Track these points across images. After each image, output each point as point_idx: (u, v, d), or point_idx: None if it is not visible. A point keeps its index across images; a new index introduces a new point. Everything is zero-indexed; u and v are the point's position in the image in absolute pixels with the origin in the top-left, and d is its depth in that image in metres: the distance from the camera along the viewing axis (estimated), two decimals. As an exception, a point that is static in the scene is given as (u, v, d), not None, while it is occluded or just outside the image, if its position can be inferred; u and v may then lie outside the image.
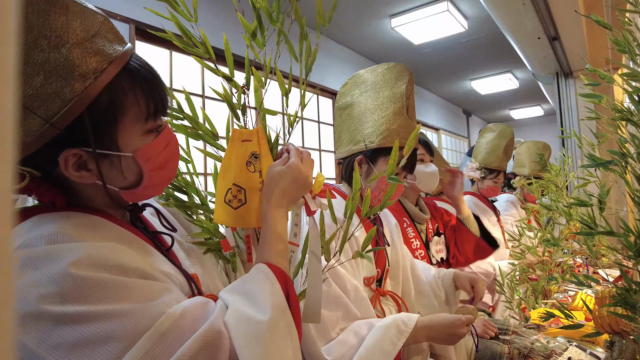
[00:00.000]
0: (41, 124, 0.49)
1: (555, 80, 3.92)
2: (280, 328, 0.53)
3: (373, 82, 1.17)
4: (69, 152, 0.52)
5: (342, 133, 1.20)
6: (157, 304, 0.49)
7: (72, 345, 0.42)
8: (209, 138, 0.80)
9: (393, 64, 1.18)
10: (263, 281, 0.57)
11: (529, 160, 2.60)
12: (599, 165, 0.73)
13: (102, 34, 0.54)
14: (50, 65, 0.48)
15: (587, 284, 0.90)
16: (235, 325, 0.50)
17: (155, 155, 0.58)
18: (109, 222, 0.57)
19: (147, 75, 0.57)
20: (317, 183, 0.76)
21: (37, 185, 0.53)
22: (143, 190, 0.60)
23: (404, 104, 1.13)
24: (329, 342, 0.91)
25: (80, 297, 0.44)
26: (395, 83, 1.15)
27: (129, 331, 0.45)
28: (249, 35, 0.74)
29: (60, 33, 0.49)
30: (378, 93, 1.15)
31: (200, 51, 0.75)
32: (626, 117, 0.73)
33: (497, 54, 5.27)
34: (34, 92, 0.48)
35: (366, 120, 1.14)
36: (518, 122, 9.41)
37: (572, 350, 1.18)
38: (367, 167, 1.15)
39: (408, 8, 3.99)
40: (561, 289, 1.88)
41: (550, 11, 2.71)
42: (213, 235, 0.77)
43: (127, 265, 0.50)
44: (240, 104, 0.77)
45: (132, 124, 0.55)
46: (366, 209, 0.78)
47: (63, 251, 0.46)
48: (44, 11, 0.48)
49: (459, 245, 1.70)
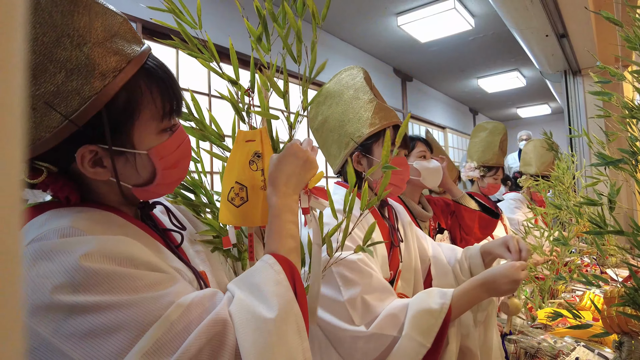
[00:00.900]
0: (61, 120, 0.50)
1: (564, 78, 3.88)
2: (288, 325, 0.53)
3: (333, 91, 1.21)
4: (86, 148, 0.53)
5: (329, 147, 1.21)
6: (166, 294, 0.50)
7: (84, 335, 0.44)
8: (215, 139, 0.81)
9: (343, 69, 1.24)
10: (268, 272, 0.57)
11: (536, 158, 2.58)
12: (608, 163, 0.72)
13: (121, 34, 0.55)
14: (72, 63, 0.50)
15: (595, 284, 0.89)
16: (240, 321, 0.51)
17: (168, 153, 0.60)
18: (121, 219, 0.58)
19: (163, 76, 0.59)
20: (316, 178, 0.75)
21: (54, 180, 0.55)
22: (155, 188, 0.61)
23: (370, 92, 1.16)
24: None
25: (92, 287, 0.45)
26: (353, 81, 1.19)
27: (139, 321, 0.46)
28: (255, 39, 0.76)
29: (83, 32, 0.51)
30: (342, 97, 1.18)
31: (206, 56, 0.76)
32: (637, 115, 0.72)
33: (504, 52, 5.23)
34: (56, 89, 0.50)
35: (346, 123, 1.15)
36: (525, 121, 9.34)
37: (579, 351, 1.17)
38: (366, 161, 1.16)
39: (414, 6, 3.97)
40: (568, 288, 1.86)
41: (558, 8, 2.68)
42: (219, 234, 0.78)
43: (137, 258, 0.51)
44: (245, 105, 0.79)
45: (147, 122, 0.57)
46: (365, 200, 0.78)
47: (75, 244, 0.47)
48: (68, 11, 0.50)
49: (463, 226, 1.73)
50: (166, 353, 0.45)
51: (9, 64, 0.14)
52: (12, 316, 0.14)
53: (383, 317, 0.92)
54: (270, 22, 0.76)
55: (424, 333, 0.89)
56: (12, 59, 0.14)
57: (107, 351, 0.44)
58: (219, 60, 0.77)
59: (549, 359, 1.17)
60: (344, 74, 1.23)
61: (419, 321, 0.90)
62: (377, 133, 1.13)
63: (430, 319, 0.90)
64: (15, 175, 0.14)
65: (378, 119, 1.13)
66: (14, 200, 0.14)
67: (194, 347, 0.46)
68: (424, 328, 0.89)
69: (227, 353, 0.49)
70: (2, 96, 0.14)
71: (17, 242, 0.14)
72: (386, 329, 0.91)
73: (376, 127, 1.13)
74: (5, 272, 0.14)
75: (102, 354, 0.44)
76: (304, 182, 0.71)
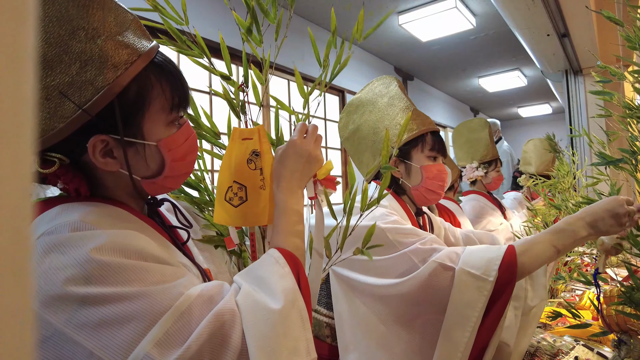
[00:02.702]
0: (74, 110, 0.52)
1: (565, 78, 3.87)
2: (293, 317, 0.54)
3: (366, 100, 1.22)
4: (97, 138, 0.55)
5: (362, 156, 1.21)
6: (176, 285, 0.51)
7: (96, 325, 0.45)
8: (210, 137, 0.80)
9: (376, 79, 1.25)
10: (273, 265, 0.59)
11: (536, 158, 2.58)
12: (609, 163, 0.72)
13: (132, 29, 0.58)
14: (86, 55, 0.52)
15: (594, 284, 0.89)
16: (246, 312, 0.52)
17: (177, 146, 0.61)
18: (129, 214, 0.60)
19: (171, 70, 0.61)
20: (324, 169, 0.74)
21: (65, 171, 0.56)
22: (163, 181, 0.62)
23: (406, 99, 1.17)
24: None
25: (103, 279, 0.47)
26: (387, 89, 1.19)
27: (150, 311, 0.47)
28: (244, 31, 0.74)
29: (97, 26, 0.53)
30: (376, 105, 1.19)
31: (196, 52, 0.76)
32: (637, 114, 0.72)
33: (506, 51, 5.22)
34: (70, 80, 0.51)
35: (381, 130, 1.15)
36: (526, 120, 9.33)
37: (579, 350, 1.17)
38: (403, 166, 1.16)
39: (415, 5, 3.97)
40: (568, 288, 1.87)
41: (559, 7, 2.67)
42: (222, 233, 0.78)
43: (146, 252, 0.52)
44: (239, 101, 0.77)
45: (157, 114, 0.59)
46: (365, 202, 0.78)
47: (86, 238, 0.49)
48: (84, 5, 0.52)
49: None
50: (177, 342, 0.47)
51: (21, 55, 0.14)
52: (23, 307, 0.14)
53: (444, 251, 0.88)
54: (260, 14, 0.74)
55: (480, 267, 0.81)
56: (24, 50, 0.15)
57: (119, 340, 0.45)
58: (209, 56, 0.76)
59: (548, 357, 1.18)
60: (376, 83, 1.24)
61: (474, 254, 0.84)
62: (414, 139, 1.14)
63: (487, 252, 0.84)
64: (26, 166, 0.14)
65: (416, 124, 1.14)
66: (25, 191, 0.14)
67: (203, 336, 0.47)
68: (482, 261, 0.82)
69: (234, 342, 0.50)
70: (14, 88, 0.14)
71: (28, 233, 0.15)
72: (446, 260, 0.86)
73: (414, 132, 1.13)
74: (16, 265, 0.14)
75: (115, 343, 0.45)
76: (309, 176, 0.71)
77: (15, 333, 0.14)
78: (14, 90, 0.14)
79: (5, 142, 0.14)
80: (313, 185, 0.74)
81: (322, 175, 0.74)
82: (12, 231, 0.14)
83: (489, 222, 2.16)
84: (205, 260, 0.71)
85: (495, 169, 2.24)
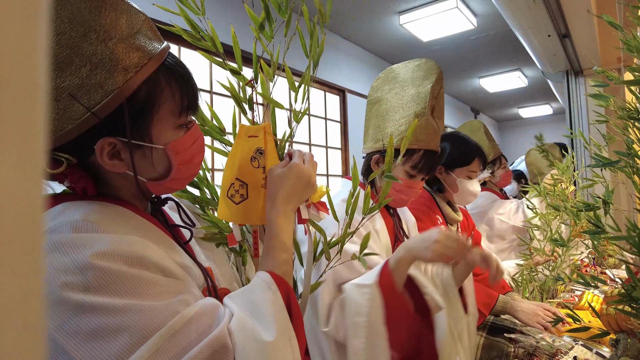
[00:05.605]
0: (83, 112, 0.52)
1: (565, 79, 3.87)
2: (284, 348, 0.54)
3: (402, 78, 1.19)
4: (105, 140, 0.54)
5: (369, 128, 1.22)
6: (173, 302, 0.50)
7: (87, 334, 0.44)
8: (216, 134, 0.81)
9: (424, 60, 1.18)
10: (265, 292, 0.58)
11: (544, 166, 2.55)
12: (605, 165, 0.73)
13: (144, 31, 0.57)
14: (97, 57, 0.51)
15: (593, 285, 0.90)
16: (239, 342, 0.51)
17: (184, 149, 0.61)
18: (133, 213, 0.59)
19: (182, 72, 0.60)
20: (318, 193, 0.75)
21: (72, 171, 0.56)
22: (169, 183, 0.62)
23: (427, 105, 1.12)
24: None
25: (101, 288, 0.46)
26: (422, 82, 1.15)
27: (143, 327, 0.46)
28: (257, 27, 0.75)
29: (108, 28, 0.53)
30: (404, 91, 1.16)
31: (208, 44, 0.76)
32: (633, 116, 0.73)
33: (507, 52, 5.22)
34: (80, 82, 0.51)
35: (389, 119, 1.15)
36: (527, 121, 9.32)
37: (577, 349, 1.18)
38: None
39: (416, 5, 3.97)
40: (567, 288, 1.87)
41: (561, 8, 2.67)
42: (222, 230, 0.78)
43: (148, 260, 0.51)
44: (247, 98, 0.78)
45: (166, 117, 0.59)
46: (367, 207, 0.79)
47: (88, 241, 0.48)
48: (96, 7, 0.52)
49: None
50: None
51: (33, 55, 0.15)
52: (35, 309, 0.15)
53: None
54: (274, 11, 0.75)
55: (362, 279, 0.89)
56: (36, 50, 0.15)
57: (108, 353, 0.44)
58: (221, 49, 0.76)
59: (547, 357, 1.18)
60: (422, 67, 1.17)
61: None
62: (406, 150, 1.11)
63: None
64: (38, 165, 0.15)
65: (415, 138, 1.10)
66: (37, 190, 0.15)
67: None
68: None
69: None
70: (27, 88, 0.14)
71: (39, 233, 0.15)
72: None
73: (411, 145, 1.10)
74: (28, 264, 0.14)
75: (103, 356, 0.44)
76: (302, 201, 0.72)
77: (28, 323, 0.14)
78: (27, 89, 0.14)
79: (18, 137, 0.14)
80: (306, 209, 0.74)
81: (316, 199, 0.76)
82: (25, 224, 0.14)
83: (500, 206, 2.23)
84: (207, 259, 0.71)
85: (501, 166, 2.25)
